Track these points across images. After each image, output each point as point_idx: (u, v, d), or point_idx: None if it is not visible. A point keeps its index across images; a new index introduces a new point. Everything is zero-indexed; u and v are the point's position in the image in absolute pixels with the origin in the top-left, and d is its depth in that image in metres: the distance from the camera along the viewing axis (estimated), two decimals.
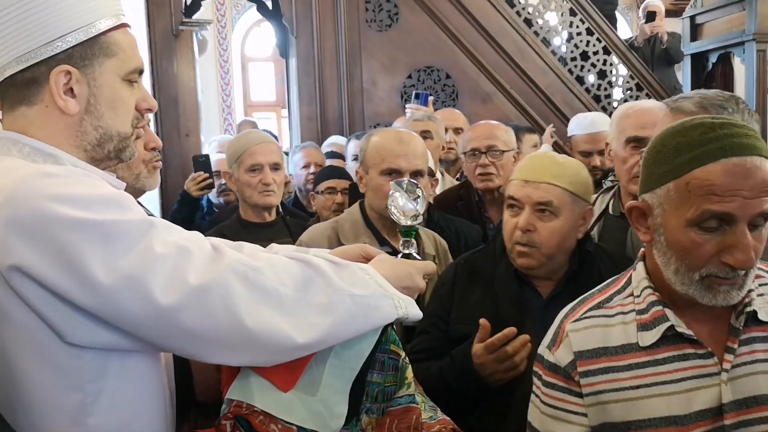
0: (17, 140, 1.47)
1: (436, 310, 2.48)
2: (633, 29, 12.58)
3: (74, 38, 1.45)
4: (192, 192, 4.50)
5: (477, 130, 3.79)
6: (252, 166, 3.24)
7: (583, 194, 2.37)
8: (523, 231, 2.32)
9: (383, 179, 2.72)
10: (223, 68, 12.98)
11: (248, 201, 3.29)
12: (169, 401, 1.62)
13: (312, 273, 1.47)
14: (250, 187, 3.25)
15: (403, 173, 2.71)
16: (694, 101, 2.20)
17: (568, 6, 6.51)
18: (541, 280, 2.41)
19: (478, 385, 2.26)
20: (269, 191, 3.26)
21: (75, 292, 1.28)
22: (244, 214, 3.35)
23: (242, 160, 3.27)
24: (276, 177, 3.28)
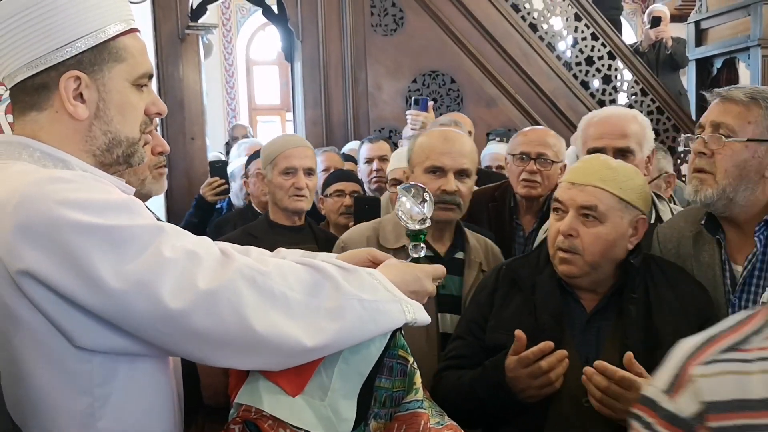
0: (28, 145, 1.47)
1: (473, 316, 2.38)
2: (638, 34, 12.58)
3: (84, 44, 1.46)
4: (207, 197, 4.53)
5: (530, 135, 3.61)
6: (286, 169, 3.21)
7: (635, 201, 2.17)
8: (565, 236, 2.18)
9: (427, 178, 2.63)
10: (228, 72, 13.00)
11: (279, 204, 3.25)
12: (177, 405, 1.62)
13: (320, 278, 1.48)
14: (282, 190, 3.21)
15: (447, 171, 2.63)
16: (746, 92, 2.18)
17: (573, 11, 6.52)
18: (585, 291, 2.24)
19: (509, 400, 2.12)
20: (301, 196, 3.22)
21: (84, 296, 1.29)
22: (273, 215, 3.31)
23: (276, 163, 3.24)
24: (309, 182, 3.24)
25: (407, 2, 6.19)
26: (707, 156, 2.19)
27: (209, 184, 4.55)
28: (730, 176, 2.15)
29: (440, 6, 6.19)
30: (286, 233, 3.22)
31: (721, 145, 2.15)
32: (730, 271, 2.26)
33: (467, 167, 2.68)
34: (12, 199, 1.30)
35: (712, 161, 2.18)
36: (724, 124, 2.17)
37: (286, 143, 3.31)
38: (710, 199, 2.17)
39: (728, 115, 2.17)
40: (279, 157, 3.24)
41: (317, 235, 3.34)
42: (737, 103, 2.17)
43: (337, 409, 1.50)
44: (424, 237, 1.85)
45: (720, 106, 2.21)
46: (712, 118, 2.21)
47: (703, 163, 2.20)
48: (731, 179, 2.15)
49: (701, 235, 2.32)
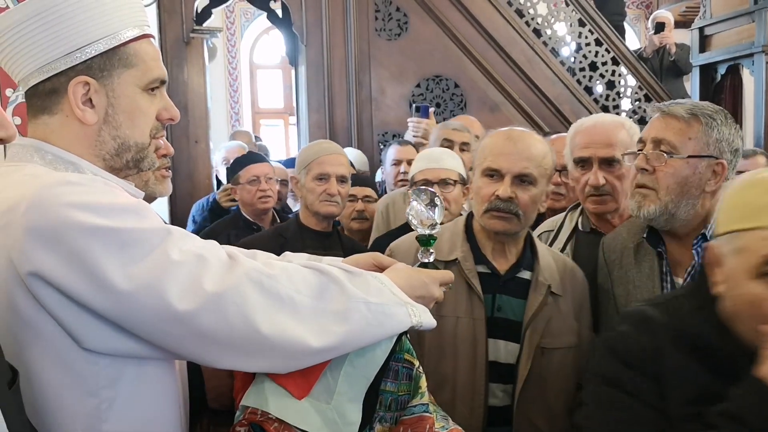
0: (40, 148, 1.49)
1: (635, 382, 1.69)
2: (642, 40, 12.58)
3: (93, 49, 1.47)
4: (222, 203, 4.62)
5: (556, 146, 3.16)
6: (319, 175, 3.26)
7: None
8: None
9: (483, 182, 2.38)
10: (232, 75, 13.01)
11: (310, 208, 3.30)
12: (183, 408, 1.63)
13: (327, 280, 1.48)
14: (314, 195, 3.25)
15: (504, 174, 2.32)
16: (686, 107, 2.20)
17: (577, 16, 6.52)
18: None
19: None
20: (332, 202, 3.26)
21: (92, 297, 1.29)
22: (304, 219, 3.36)
23: (311, 168, 3.29)
24: (341, 189, 3.29)
25: (412, 7, 6.19)
26: (649, 172, 2.20)
27: (224, 190, 4.64)
28: (672, 193, 2.17)
29: (444, 11, 6.20)
30: (315, 237, 3.28)
31: (662, 162, 2.17)
32: (671, 282, 2.29)
33: (530, 172, 2.32)
34: (23, 201, 1.31)
35: (654, 178, 2.20)
36: (666, 141, 2.18)
37: (321, 150, 3.36)
38: (653, 215, 2.20)
39: (669, 131, 2.19)
40: (313, 162, 3.29)
41: (344, 242, 3.39)
42: (678, 119, 2.18)
43: (343, 412, 1.51)
44: (434, 242, 1.86)
45: (661, 122, 2.23)
46: (654, 135, 2.22)
47: (645, 179, 2.22)
48: (673, 195, 2.17)
49: (642, 247, 2.35)
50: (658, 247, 2.31)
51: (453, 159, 3.38)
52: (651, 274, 2.31)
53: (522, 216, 2.31)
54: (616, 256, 2.43)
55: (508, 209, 2.29)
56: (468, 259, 2.37)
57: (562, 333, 2.35)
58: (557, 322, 2.35)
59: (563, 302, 2.38)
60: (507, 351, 2.33)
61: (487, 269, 2.39)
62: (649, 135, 2.24)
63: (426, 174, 3.28)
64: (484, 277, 2.36)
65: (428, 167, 3.30)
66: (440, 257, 2.29)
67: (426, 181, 3.22)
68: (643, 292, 2.29)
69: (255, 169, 4.30)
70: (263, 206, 4.28)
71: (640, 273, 2.34)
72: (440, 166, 3.29)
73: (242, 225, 4.27)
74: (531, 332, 2.29)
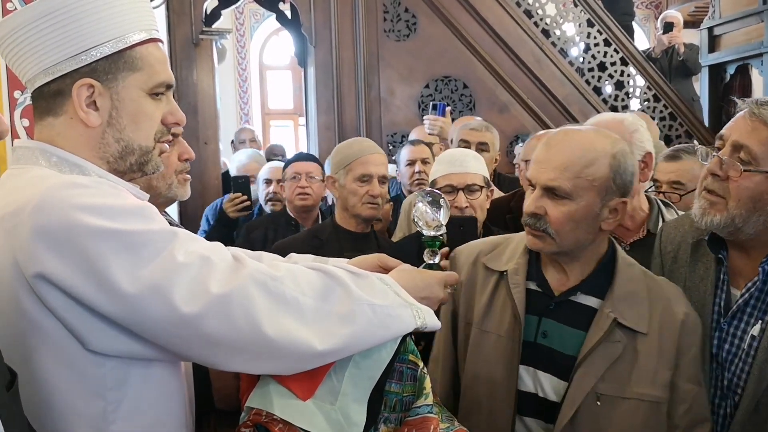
0: (45, 150, 1.49)
1: None
2: (650, 40, 12.55)
3: (99, 52, 1.47)
4: (229, 213, 4.47)
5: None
6: (362, 176, 3.13)
7: None
8: None
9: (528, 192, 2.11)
10: (242, 76, 13.03)
11: (351, 210, 3.17)
12: (189, 409, 1.64)
13: (332, 283, 1.49)
14: (356, 197, 3.13)
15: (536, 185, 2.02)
16: None
17: (585, 17, 6.51)
18: None
19: None
20: (375, 204, 3.15)
21: (98, 300, 1.30)
22: (341, 220, 3.23)
23: (352, 168, 3.15)
24: (383, 189, 3.19)
25: (420, 8, 6.19)
26: (721, 179, 1.99)
27: (231, 199, 4.50)
28: (743, 207, 1.95)
29: (453, 12, 6.19)
30: (351, 239, 3.18)
31: (738, 172, 1.94)
32: (727, 292, 2.09)
33: (558, 185, 1.95)
34: (29, 203, 1.32)
35: (726, 186, 1.97)
36: (747, 148, 1.93)
37: (363, 149, 3.22)
38: (717, 225, 2.00)
39: (754, 139, 1.93)
40: (355, 162, 3.15)
41: (381, 243, 3.27)
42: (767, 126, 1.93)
43: (348, 413, 1.51)
44: (439, 244, 1.86)
45: (747, 125, 1.96)
46: (736, 138, 1.97)
47: (715, 185, 2.00)
48: (743, 210, 1.95)
49: (702, 245, 2.16)
50: (720, 252, 2.10)
51: (477, 161, 3.14)
52: (705, 278, 2.12)
53: (555, 235, 1.97)
54: (673, 248, 2.26)
55: (536, 226, 2.00)
56: (519, 272, 2.09)
57: (637, 381, 1.94)
58: (631, 366, 1.95)
59: (648, 343, 1.97)
60: (551, 386, 2.00)
61: (538, 287, 2.08)
62: (730, 136, 1.99)
63: (451, 179, 3.04)
64: (533, 296, 2.07)
65: (452, 171, 3.07)
66: (494, 266, 2.15)
67: (450, 187, 3.02)
68: (694, 294, 2.11)
69: (297, 166, 4.21)
70: (301, 203, 4.16)
71: (693, 274, 2.16)
72: (465, 170, 3.06)
73: (283, 222, 4.21)
74: (584, 372, 1.94)
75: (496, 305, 2.10)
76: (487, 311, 2.12)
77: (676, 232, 2.28)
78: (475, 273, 2.19)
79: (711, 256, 2.13)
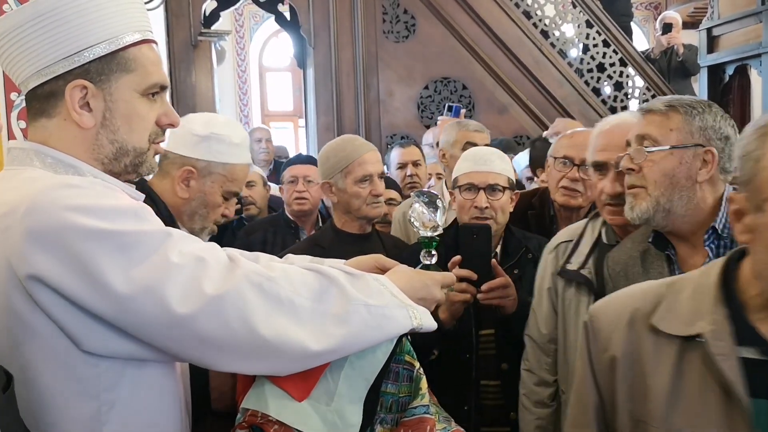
0: (40, 151, 1.49)
1: None
2: (649, 41, 12.56)
3: (91, 53, 1.47)
4: None
5: (576, 138, 3.17)
6: (363, 177, 3.00)
7: None
8: None
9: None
10: (241, 78, 13.04)
11: (355, 213, 3.04)
12: (185, 410, 1.63)
13: (327, 283, 1.48)
14: (359, 199, 3.00)
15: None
16: (664, 100, 2.13)
17: (584, 18, 6.52)
18: None
19: None
20: (378, 203, 3.06)
21: (92, 300, 1.30)
22: (341, 224, 3.11)
23: (351, 170, 3.01)
24: (383, 185, 3.10)
25: (419, 9, 6.21)
26: (636, 171, 2.09)
27: None
28: (661, 186, 2.05)
29: (452, 13, 6.20)
30: (354, 241, 3.05)
31: (644, 156, 2.07)
32: None
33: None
34: (22, 204, 1.32)
35: (641, 175, 2.08)
36: (648, 136, 2.08)
37: (357, 149, 3.08)
38: (646, 213, 2.07)
39: (650, 126, 2.09)
40: (353, 164, 3.02)
41: (385, 241, 3.19)
42: (657, 113, 2.09)
43: (344, 414, 1.51)
44: (435, 244, 1.85)
45: (642, 120, 2.14)
46: (636, 132, 2.12)
47: (633, 179, 2.11)
48: (663, 189, 2.04)
49: (649, 253, 2.18)
50: (666, 249, 2.13)
51: (502, 161, 2.97)
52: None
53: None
54: (621, 268, 2.23)
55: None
56: (722, 335, 1.37)
57: None
58: None
59: None
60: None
61: (760, 354, 1.35)
62: (632, 134, 2.14)
63: (472, 177, 2.90)
64: (752, 368, 1.35)
65: (474, 170, 2.91)
66: (674, 330, 1.45)
67: (471, 186, 2.87)
68: None
69: (294, 170, 4.15)
70: (298, 207, 4.08)
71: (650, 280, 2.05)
72: (488, 169, 2.89)
73: (282, 224, 4.13)
74: None
75: (689, 389, 1.41)
76: (673, 400, 1.42)
77: (619, 253, 2.29)
78: (637, 342, 1.50)
79: (661, 260, 2.14)
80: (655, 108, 2.11)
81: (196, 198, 2.30)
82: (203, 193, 2.31)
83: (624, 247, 2.28)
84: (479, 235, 2.53)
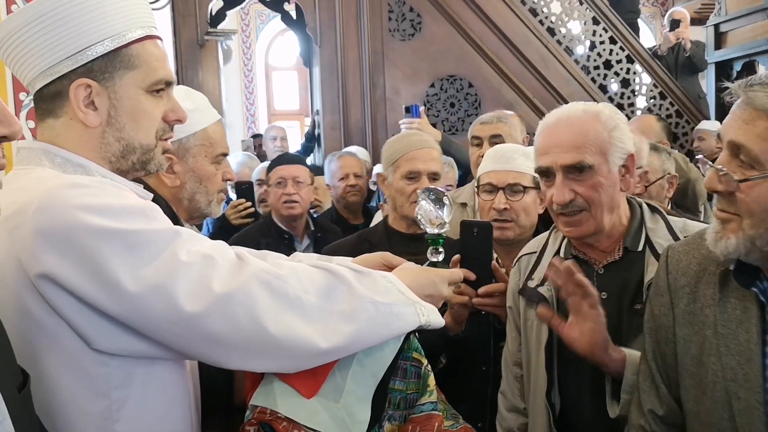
0: (49, 151, 1.50)
1: None
2: (656, 38, 12.53)
3: (94, 51, 1.48)
4: (232, 220, 4.16)
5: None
6: (409, 173, 2.88)
7: None
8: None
9: None
10: (248, 77, 13.07)
11: (399, 210, 2.93)
12: (194, 408, 1.64)
13: (335, 281, 1.49)
14: (403, 196, 2.87)
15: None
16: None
17: (591, 15, 6.50)
18: None
19: None
20: None
21: (102, 299, 1.31)
22: (392, 221, 2.99)
23: (399, 165, 2.91)
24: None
25: (425, 7, 6.19)
26: (726, 194, 1.53)
27: (234, 206, 4.20)
28: (761, 225, 1.47)
29: (458, 11, 6.19)
30: (404, 242, 2.88)
31: (734, 186, 1.49)
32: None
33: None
34: (32, 204, 1.32)
35: (734, 200, 1.51)
36: (745, 149, 1.47)
37: (411, 144, 2.96)
38: (735, 252, 1.52)
39: (749, 135, 1.47)
40: (402, 159, 2.91)
41: None
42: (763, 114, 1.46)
43: (352, 411, 1.51)
44: (442, 241, 1.85)
45: (742, 115, 1.50)
46: (731, 136, 1.51)
47: (723, 202, 1.55)
48: (763, 229, 1.47)
49: (730, 279, 1.60)
50: (752, 286, 1.54)
51: (526, 158, 2.68)
52: (744, 321, 1.55)
53: None
54: (688, 282, 1.69)
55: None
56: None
57: None
58: None
59: None
60: None
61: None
62: (726, 135, 1.53)
63: (491, 177, 2.69)
64: None
65: (494, 168, 2.70)
66: None
67: (490, 186, 2.67)
68: (732, 344, 1.55)
69: (282, 171, 3.83)
70: (287, 212, 3.77)
71: (726, 316, 1.58)
72: (509, 168, 2.67)
73: (274, 233, 3.80)
74: None
75: None
76: None
77: (689, 258, 1.73)
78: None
79: (749, 297, 1.56)
80: (759, 103, 1.47)
81: (188, 179, 2.19)
82: (192, 171, 2.19)
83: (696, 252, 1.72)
84: (479, 232, 2.32)
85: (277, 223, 3.87)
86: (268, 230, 3.86)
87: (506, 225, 2.61)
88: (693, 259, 1.71)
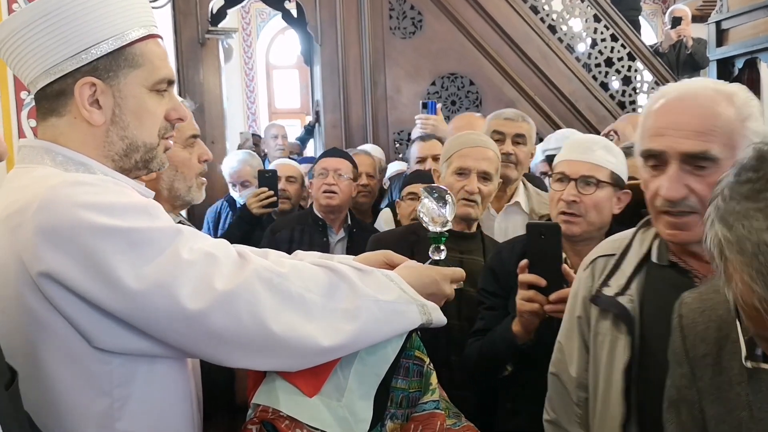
0: (50, 149, 1.50)
1: None
2: (658, 35, 12.52)
3: (99, 50, 1.48)
4: (253, 209, 4.10)
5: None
6: (459, 169, 2.87)
7: None
8: None
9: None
10: (248, 76, 13.07)
11: None
12: (196, 406, 1.64)
13: (337, 279, 1.49)
14: (452, 192, 2.69)
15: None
16: None
17: (592, 12, 6.49)
18: None
19: None
20: (470, 201, 2.84)
21: (104, 297, 1.30)
22: None
23: (451, 161, 2.92)
24: (483, 187, 2.85)
25: (426, 5, 6.19)
26: None
27: (257, 195, 4.11)
28: None
29: (459, 8, 6.19)
30: (451, 238, 2.56)
31: None
32: None
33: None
34: (33, 202, 1.32)
35: None
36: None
37: (465, 141, 2.96)
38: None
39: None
40: (455, 155, 2.92)
41: (486, 245, 2.95)
42: None
43: (354, 409, 1.51)
44: (445, 240, 1.85)
45: None
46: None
47: None
48: None
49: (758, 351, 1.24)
50: None
51: (608, 153, 2.50)
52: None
53: None
54: (709, 349, 1.39)
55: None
56: None
57: None
58: None
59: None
60: None
61: None
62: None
63: (564, 166, 2.53)
64: None
65: (569, 158, 2.54)
66: None
67: (562, 175, 2.52)
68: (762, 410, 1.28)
69: (326, 162, 3.92)
70: (326, 201, 3.82)
71: (760, 396, 1.29)
72: (585, 159, 2.48)
73: (310, 221, 3.90)
74: None
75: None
76: None
77: (706, 321, 1.42)
78: None
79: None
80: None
81: None
82: None
83: (714, 311, 1.41)
84: (547, 235, 2.18)
85: (316, 213, 3.95)
86: (306, 218, 3.97)
87: (573, 219, 2.44)
88: (711, 323, 1.40)
